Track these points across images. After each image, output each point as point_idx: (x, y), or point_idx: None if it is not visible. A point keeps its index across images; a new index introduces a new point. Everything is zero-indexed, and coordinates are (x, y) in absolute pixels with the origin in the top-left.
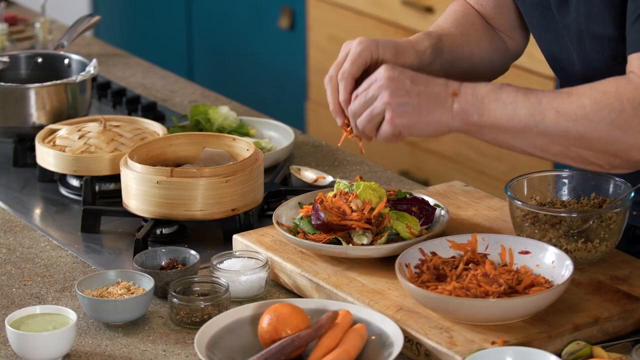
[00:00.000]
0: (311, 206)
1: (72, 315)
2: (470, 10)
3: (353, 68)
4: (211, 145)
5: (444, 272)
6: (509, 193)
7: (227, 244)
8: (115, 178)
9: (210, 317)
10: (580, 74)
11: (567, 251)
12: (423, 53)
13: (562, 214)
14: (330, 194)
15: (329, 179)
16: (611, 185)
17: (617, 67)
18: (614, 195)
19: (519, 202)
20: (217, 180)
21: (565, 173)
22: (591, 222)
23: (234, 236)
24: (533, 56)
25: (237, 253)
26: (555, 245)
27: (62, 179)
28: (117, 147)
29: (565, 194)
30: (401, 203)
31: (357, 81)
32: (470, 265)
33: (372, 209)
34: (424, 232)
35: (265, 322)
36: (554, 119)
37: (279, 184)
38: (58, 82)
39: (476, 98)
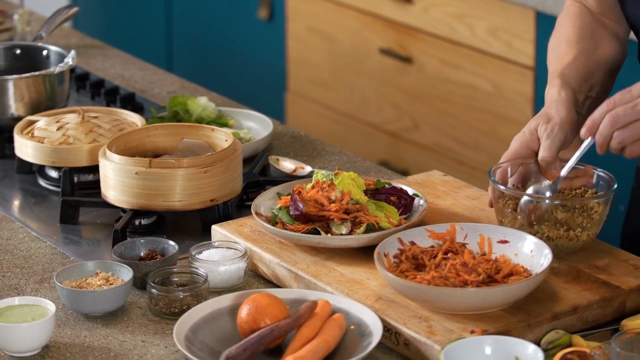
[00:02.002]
0: (290, 197)
1: (51, 307)
2: (585, 18)
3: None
4: (190, 136)
5: (422, 261)
6: (492, 178)
7: (206, 235)
8: (94, 169)
9: (189, 308)
10: None
11: (548, 238)
12: (583, 103)
13: (545, 201)
14: (309, 185)
15: (308, 169)
16: (594, 177)
17: None
18: (596, 186)
19: (502, 187)
20: (196, 171)
21: None
22: (573, 211)
23: (213, 226)
24: (512, 46)
25: (215, 243)
26: (536, 233)
27: (40, 170)
28: (96, 138)
29: None
30: (380, 193)
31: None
32: (449, 255)
33: (351, 200)
34: (403, 221)
35: (244, 312)
36: None
37: (257, 174)
38: (36, 73)
39: None
